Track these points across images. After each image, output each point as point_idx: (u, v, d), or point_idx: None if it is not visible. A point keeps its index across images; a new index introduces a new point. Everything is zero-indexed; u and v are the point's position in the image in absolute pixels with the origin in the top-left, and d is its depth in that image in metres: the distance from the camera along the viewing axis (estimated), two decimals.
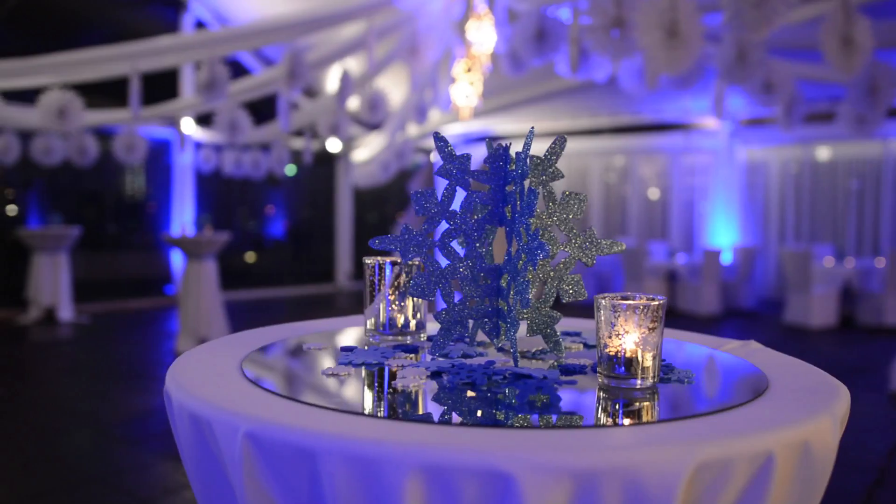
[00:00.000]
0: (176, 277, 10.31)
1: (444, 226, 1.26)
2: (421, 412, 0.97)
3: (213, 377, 1.07)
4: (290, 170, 13.48)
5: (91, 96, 8.27)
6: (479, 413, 0.94)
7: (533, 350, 1.32)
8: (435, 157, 6.83)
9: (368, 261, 1.38)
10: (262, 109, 9.34)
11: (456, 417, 0.92)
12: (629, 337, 1.05)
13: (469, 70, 7.08)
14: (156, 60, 6.93)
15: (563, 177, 1.27)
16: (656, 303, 1.06)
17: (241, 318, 8.76)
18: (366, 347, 1.33)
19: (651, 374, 1.07)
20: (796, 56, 6.75)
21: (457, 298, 1.24)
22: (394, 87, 9.63)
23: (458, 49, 7.27)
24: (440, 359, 1.23)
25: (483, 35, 6.73)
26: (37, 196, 9.85)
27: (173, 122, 8.87)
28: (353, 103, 8.86)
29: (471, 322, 1.26)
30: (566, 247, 1.26)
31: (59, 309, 8.58)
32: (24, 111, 7.42)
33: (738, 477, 0.82)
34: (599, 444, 0.80)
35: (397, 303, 1.38)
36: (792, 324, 8.62)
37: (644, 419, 0.95)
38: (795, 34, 6.09)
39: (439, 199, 1.24)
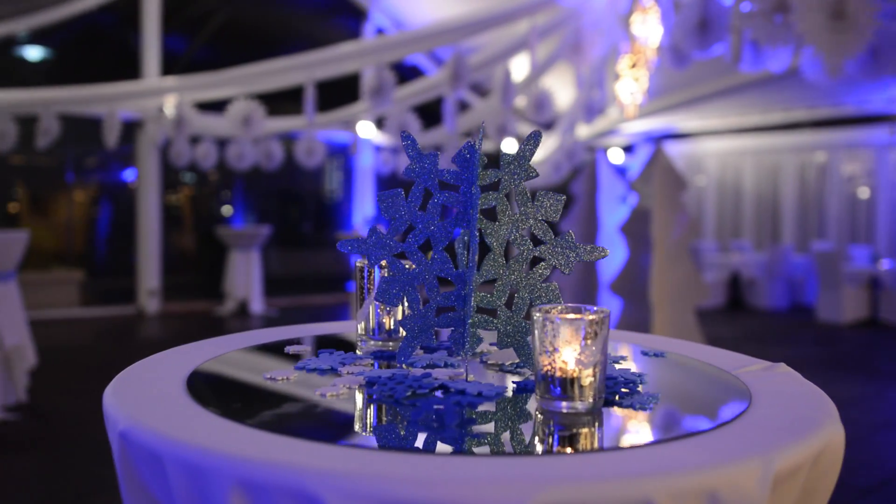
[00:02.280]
0: None
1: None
2: (251, 422, 0.93)
3: (155, 374, 1.10)
4: None
5: (280, 103, 8.89)
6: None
7: (509, 363, 1.22)
8: (600, 156, 6.62)
9: (359, 264, 1.35)
10: (438, 111, 9.55)
11: (289, 429, 0.85)
12: (562, 354, 0.94)
13: (634, 66, 6.81)
14: (330, 68, 7.30)
15: (537, 175, 1.16)
16: (593, 316, 0.94)
17: None
18: (356, 351, 1.30)
19: (591, 396, 0.95)
20: None
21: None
22: (564, 86, 9.48)
23: (623, 44, 7.01)
24: (407, 367, 1.17)
25: (648, 29, 6.44)
26: (240, 197, 10.76)
27: (354, 127, 9.31)
28: (522, 103, 8.82)
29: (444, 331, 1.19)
30: (541, 251, 1.16)
31: (251, 302, 9.29)
32: (217, 120, 8.12)
33: None
34: (422, 474, 0.71)
35: (385, 307, 1.34)
36: None
37: (500, 450, 0.84)
38: None
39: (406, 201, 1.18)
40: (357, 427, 0.93)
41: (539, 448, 0.86)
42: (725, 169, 11.37)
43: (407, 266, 1.19)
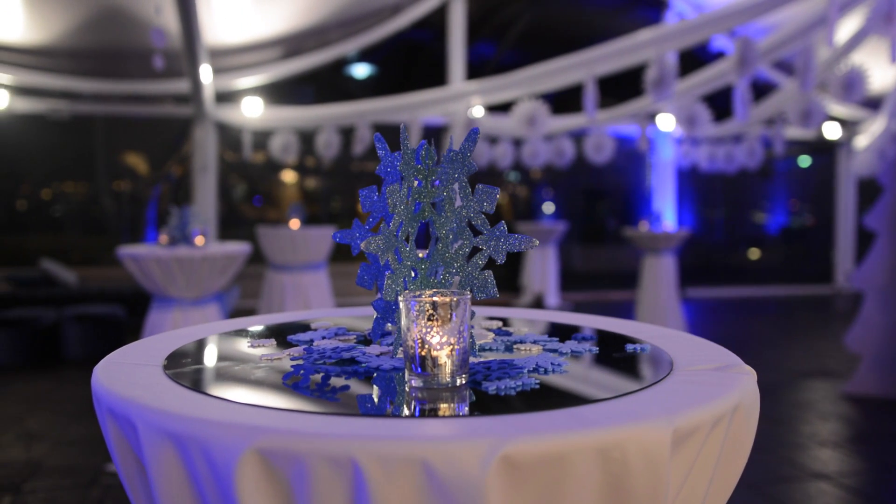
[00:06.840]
0: None
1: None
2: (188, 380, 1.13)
3: (183, 336, 1.39)
4: (804, 161, 12.62)
5: (573, 100, 9.10)
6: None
7: None
8: None
9: None
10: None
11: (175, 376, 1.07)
12: (416, 333, 1.03)
13: None
14: (610, 63, 7.30)
15: (476, 169, 1.22)
16: (445, 299, 1.01)
17: (712, 316, 8.62)
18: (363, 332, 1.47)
19: (446, 375, 1.02)
20: None
21: None
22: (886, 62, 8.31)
23: None
24: (377, 343, 1.32)
25: None
26: (555, 195, 11.21)
27: (644, 120, 9.17)
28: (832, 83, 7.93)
29: None
30: (477, 242, 1.22)
31: (547, 295, 9.64)
32: (506, 120, 8.58)
33: (320, 477, 0.81)
34: (177, 410, 0.89)
35: None
36: None
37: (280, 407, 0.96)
38: None
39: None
40: (217, 378, 1.11)
41: (306, 407, 0.95)
42: None
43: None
